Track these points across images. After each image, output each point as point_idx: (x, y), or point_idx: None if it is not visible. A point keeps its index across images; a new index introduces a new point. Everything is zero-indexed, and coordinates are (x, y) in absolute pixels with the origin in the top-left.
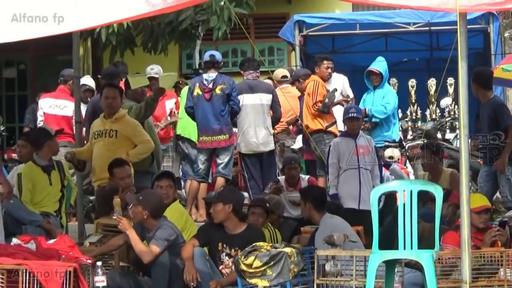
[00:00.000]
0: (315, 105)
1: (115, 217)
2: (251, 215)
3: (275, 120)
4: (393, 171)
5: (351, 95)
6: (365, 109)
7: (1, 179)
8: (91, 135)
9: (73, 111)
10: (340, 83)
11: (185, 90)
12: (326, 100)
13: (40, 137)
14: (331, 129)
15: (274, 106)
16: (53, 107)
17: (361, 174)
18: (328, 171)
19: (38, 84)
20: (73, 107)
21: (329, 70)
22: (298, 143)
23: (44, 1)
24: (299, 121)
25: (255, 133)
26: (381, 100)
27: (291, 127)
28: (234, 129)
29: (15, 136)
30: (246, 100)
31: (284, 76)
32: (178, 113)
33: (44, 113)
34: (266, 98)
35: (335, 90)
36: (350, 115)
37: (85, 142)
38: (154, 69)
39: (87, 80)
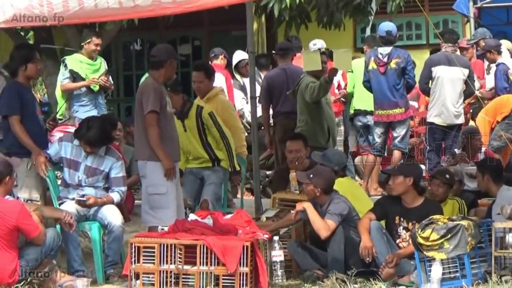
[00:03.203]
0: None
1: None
2: (432, 186)
3: (468, 94)
4: None
5: None
6: None
7: (161, 156)
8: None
9: (220, 82)
10: None
11: (357, 62)
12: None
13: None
14: None
15: (469, 81)
16: None
17: None
18: None
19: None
20: (221, 77)
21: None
22: None
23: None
24: None
25: (451, 105)
26: None
27: None
28: (413, 103)
29: None
30: (443, 72)
31: None
32: (345, 85)
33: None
34: (463, 72)
35: None
36: None
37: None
38: (317, 44)
39: (243, 55)
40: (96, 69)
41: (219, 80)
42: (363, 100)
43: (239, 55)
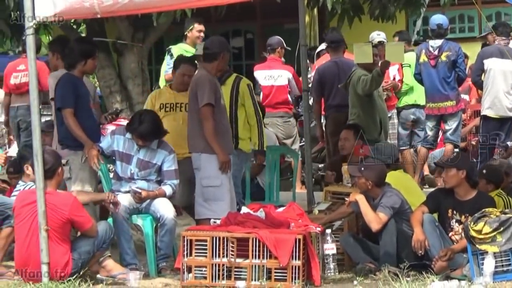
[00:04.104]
0: None
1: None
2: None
3: None
4: None
5: None
6: None
7: (217, 149)
8: (153, 105)
9: (287, 80)
10: None
11: (410, 56)
12: None
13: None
14: None
15: None
16: (268, 78)
17: None
18: None
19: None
20: (288, 75)
21: None
22: None
23: None
24: None
25: (505, 98)
26: None
27: None
28: (464, 96)
29: None
30: (495, 64)
31: None
32: (401, 79)
33: (260, 85)
34: None
35: None
36: None
37: None
38: (380, 35)
39: (323, 46)
40: None
41: (285, 78)
42: (423, 93)
43: (321, 46)
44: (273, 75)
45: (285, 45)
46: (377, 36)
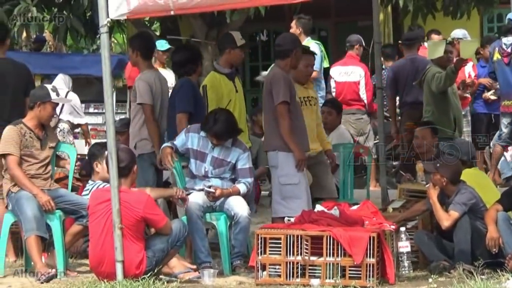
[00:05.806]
0: None
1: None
2: None
3: None
4: None
5: None
6: None
7: (293, 147)
8: None
9: (360, 76)
10: None
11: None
12: None
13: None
14: None
15: None
16: (342, 74)
17: None
18: None
19: (339, 50)
20: (361, 72)
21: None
22: None
23: None
24: None
25: None
26: None
27: None
28: None
29: None
30: None
31: None
32: (475, 76)
33: (335, 81)
34: None
35: None
36: None
37: None
38: (468, 37)
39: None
40: None
41: (357, 74)
42: None
43: None
44: (347, 71)
45: (364, 43)
46: (462, 35)
